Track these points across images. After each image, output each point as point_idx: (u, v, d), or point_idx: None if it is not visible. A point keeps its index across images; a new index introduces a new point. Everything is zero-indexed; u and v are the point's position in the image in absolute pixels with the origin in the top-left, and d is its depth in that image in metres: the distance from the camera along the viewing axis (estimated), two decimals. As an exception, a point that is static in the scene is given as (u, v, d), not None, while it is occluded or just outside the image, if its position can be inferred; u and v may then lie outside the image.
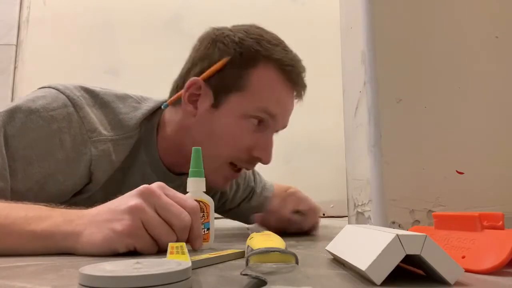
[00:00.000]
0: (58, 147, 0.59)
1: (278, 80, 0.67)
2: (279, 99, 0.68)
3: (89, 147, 0.61)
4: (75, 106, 0.61)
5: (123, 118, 0.66)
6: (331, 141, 0.97)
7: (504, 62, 0.56)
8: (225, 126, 0.67)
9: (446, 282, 0.27)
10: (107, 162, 0.64)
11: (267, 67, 0.67)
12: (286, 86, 0.69)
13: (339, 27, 0.74)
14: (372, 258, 0.27)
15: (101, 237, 0.42)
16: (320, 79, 1.73)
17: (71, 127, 0.60)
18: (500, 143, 0.55)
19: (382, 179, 0.53)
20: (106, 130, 0.64)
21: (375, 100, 0.56)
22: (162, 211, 0.44)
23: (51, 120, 0.59)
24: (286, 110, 0.71)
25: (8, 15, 1.72)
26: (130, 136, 0.67)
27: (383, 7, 0.57)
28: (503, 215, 0.35)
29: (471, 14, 0.57)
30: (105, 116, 0.65)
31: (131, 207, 0.42)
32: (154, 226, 0.43)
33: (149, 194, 0.44)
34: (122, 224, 0.42)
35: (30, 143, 0.58)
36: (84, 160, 0.61)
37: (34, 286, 0.27)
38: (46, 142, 0.59)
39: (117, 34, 1.73)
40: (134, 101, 0.70)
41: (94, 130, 0.62)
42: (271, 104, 0.67)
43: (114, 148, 0.64)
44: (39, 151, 0.58)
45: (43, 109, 0.59)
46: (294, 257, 0.29)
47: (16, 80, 1.69)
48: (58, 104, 0.61)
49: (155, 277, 0.23)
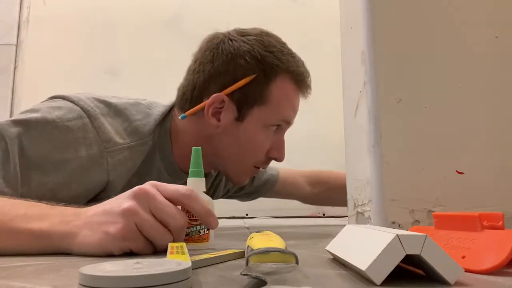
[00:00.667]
0: (73, 157, 0.61)
1: (293, 90, 0.76)
2: (294, 107, 0.77)
3: (105, 157, 0.63)
4: (90, 117, 0.63)
5: (138, 125, 0.68)
6: (331, 141, 0.97)
7: (504, 62, 0.56)
8: (251, 137, 0.73)
9: (446, 282, 0.27)
10: (125, 169, 0.66)
11: (284, 79, 0.74)
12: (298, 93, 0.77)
13: (339, 27, 0.74)
14: (372, 258, 0.27)
15: (95, 240, 0.42)
16: (320, 79, 1.73)
17: (86, 137, 0.62)
18: (500, 143, 0.55)
19: (382, 179, 0.53)
20: (122, 138, 0.66)
21: (375, 100, 0.56)
22: (157, 212, 0.43)
23: (66, 131, 0.60)
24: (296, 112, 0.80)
25: (8, 15, 1.72)
26: (146, 142, 0.69)
27: (383, 7, 0.57)
28: (503, 215, 0.35)
29: (471, 14, 0.57)
30: (121, 124, 0.67)
31: (124, 210, 0.42)
32: (149, 229, 0.43)
33: (143, 196, 0.43)
34: (116, 227, 0.42)
35: (45, 153, 0.59)
36: (101, 170, 0.63)
37: (34, 286, 0.27)
38: (62, 152, 0.60)
39: (117, 34, 1.73)
40: (145, 107, 0.73)
41: (109, 140, 0.64)
42: (290, 114, 0.76)
43: (131, 155, 0.66)
44: (54, 161, 0.59)
45: (59, 119, 0.61)
46: (294, 257, 0.29)
47: (16, 80, 1.69)
48: (73, 115, 0.62)
49: (155, 277, 0.23)
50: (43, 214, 0.45)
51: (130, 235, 0.42)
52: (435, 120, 0.55)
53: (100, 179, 0.63)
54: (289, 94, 0.75)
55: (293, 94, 0.76)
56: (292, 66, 0.74)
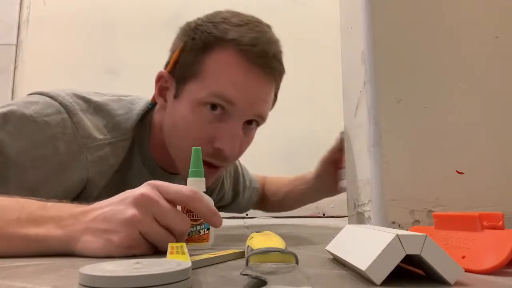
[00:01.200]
0: (52, 153, 0.58)
1: (236, 62, 0.61)
2: (236, 82, 0.61)
3: (84, 153, 0.61)
4: (69, 112, 0.60)
5: (120, 120, 0.66)
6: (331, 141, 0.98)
7: (504, 62, 0.56)
8: (182, 116, 0.63)
9: (446, 282, 0.27)
10: (105, 166, 0.63)
11: (225, 50, 0.61)
12: (247, 68, 0.61)
13: (339, 27, 0.74)
14: (372, 258, 0.27)
15: (98, 246, 0.41)
16: (320, 79, 1.73)
17: (65, 133, 0.59)
18: (500, 143, 0.55)
19: (382, 179, 0.53)
20: (102, 134, 0.63)
21: (375, 100, 0.56)
22: (161, 218, 0.43)
23: (45, 126, 0.58)
24: (251, 95, 0.63)
25: (8, 15, 1.72)
26: (127, 137, 0.66)
27: (383, 7, 0.57)
28: (503, 215, 0.35)
29: (471, 14, 0.57)
30: (101, 120, 0.65)
31: (127, 219, 0.41)
32: (153, 235, 0.42)
33: (146, 202, 0.42)
34: (120, 236, 0.41)
35: (23, 149, 0.57)
36: (79, 166, 0.61)
37: (34, 286, 0.27)
38: (40, 148, 0.58)
39: (117, 34, 1.73)
40: (128, 102, 0.70)
41: (88, 136, 0.61)
42: (226, 88, 0.61)
43: (113, 151, 0.64)
44: (33, 157, 0.57)
45: (37, 114, 0.58)
46: (294, 257, 0.29)
47: (16, 80, 1.69)
48: (52, 110, 0.60)
49: (155, 277, 0.23)
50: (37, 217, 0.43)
51: (134, 244, 0.42)
52: (435, 120, 0.55)
53: (79, 177, 0.61)
54: (228, 67, 0.61)
55: (234, 68, 0.61)
56: (232, 34, 0.61)
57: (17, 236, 0.42)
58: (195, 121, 0.62)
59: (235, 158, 0.71)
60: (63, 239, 0.42)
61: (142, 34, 1.71)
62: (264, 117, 0.67)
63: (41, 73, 1.66)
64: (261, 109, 0.65)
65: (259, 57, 0.62)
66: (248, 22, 0.64)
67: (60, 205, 0.46)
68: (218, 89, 0.61)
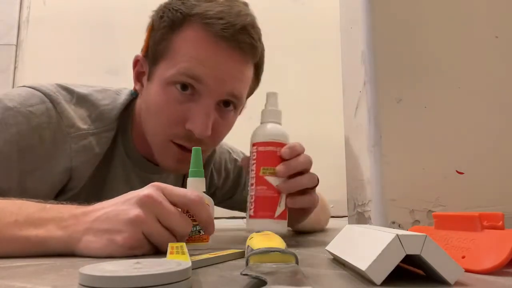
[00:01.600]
0: (38, 143, 0.58)
1: (202, 37, 0.58)
2: (203, 58, 0.58)
3: (68, 143, 0.60)
4: (53, 102, 0.60)
5: (103, 110, 0.65)
6: (331, 141, 0.97)
7: (504, 62, 0.56)
8: (153, 98, 0.61)
9: (446, 282, 0.27)
10: (90, 156, 0.62)
11: (192, 26, 0.59)
12: (214, 43, 0.58)
13: (339, 27, 0.74)
14: (372, 258, 0.27)
15: (100, 246, 0.41)
16: (320, 79, 1.73)
17: (50, 122, 0.59)
18: (500, 143, 0.55)
19: (382, 179, 0.53)
20: (86, 124, 0.62)
21: (375, 100, 0.56)
22: (164, 219, 0.43)
23: (30, 116, 0.57)
24: (220, 71, 0.59)
25: (8, 15, 1.72)
26: (112, 128, 0.65)
27: (383, 7, 0.57)
28: (503, 215, 0.35)
29: (471, 14, 0.57)
30: (85, 110, 0.64)
31: (131, 219, 0.41)
32: (156, 236, 0.42)
33: (150, 203, 0.42)
34: (123, 237, 0.41)
35: (9, 140, 0.56)
36: (64, 156, 0.60)
37: (34, 286, 0.27)
38: (27, 138, 0.57)
39: (117, 34, 1.73)
40: (113, 92, 0.69)
41: (72, 126, 0.61)
42: (193, 66, 0.58)
43: (97, 141, 0.63)
44: (20, 148, 0.57)
45: (20, 105, 0.58)
46: (294, 257, 0.29)
47: (16, 80, 1.69)
48: (36, 101, 0.59)
49: (155, 277, 0.23)
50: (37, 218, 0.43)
51: (137, 244, 0.41)
52: (435, 120, 0.55)
53: (64, 166, 0.60)
54: (195, 43, 0.58)
55: (201, 43, 0.58)
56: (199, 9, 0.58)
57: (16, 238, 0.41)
58: (165, 101, 0.60)
59: (212, 142, 0.65)
60: (64, 240, 0.42)
61: (142, 34, 1.70)
62: (238, 97, 0.63)
63: (41, 73, 1.66)
64: (233, 87, 0.61)
65: (224, 30, 0.57)
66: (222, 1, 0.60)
67: (59, 206, 0.45)
68: (185, 67, 0.58)
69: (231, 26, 0.58)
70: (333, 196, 1.04)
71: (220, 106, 0.62)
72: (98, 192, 0.52)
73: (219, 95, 0.60)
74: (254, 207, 0.54)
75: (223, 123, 0.64)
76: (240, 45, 0.59)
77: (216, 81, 0.59)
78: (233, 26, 0.58)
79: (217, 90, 0.60)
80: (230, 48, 0.59)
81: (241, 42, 0.59)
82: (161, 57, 0.61)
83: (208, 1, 0.60)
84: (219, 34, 0.58)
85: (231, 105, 0.63)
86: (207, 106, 0.59)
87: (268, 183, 0.54)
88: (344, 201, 0.69)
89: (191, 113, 0.60)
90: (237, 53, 0.60)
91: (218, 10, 0.58)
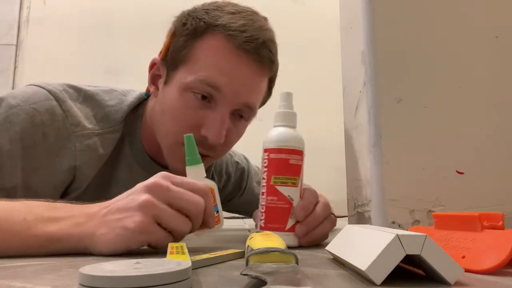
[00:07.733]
0: (41, 140, 0.58)
1: (224, 48, 0.60)
2: (224, 68, 0.60)
3: (73, 141, 0.60)
4: (58, 100, 0.60)
5: (109, 111, 0.65)
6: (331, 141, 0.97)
7: (504, 62, 0.56)
8: (169, 101, 0.62)
9: (446, 282, 0.27)
10: (95, 156, 0.62)
11: (214, 36, 0.60)
12: (235, 54, 0.60)
13: (339, 27, 0.74)
14: (372, 258, 0.27)
15: (114, 236, 0.41)
16: (320, 79, 1.73)
17: (54, 120, 0.59)
18: (500, 143, 0.55)
19: (382, 179, 0.53)
20: (91, 123, 0.63)
21: (375, 100, 0.56)
22: (175, 201, 0.43)
23: (33, 113, 0.58)
24: (238, 82, 0.61)
25: (8, 15, 1.72)
26: (117, 129, 0.65)
27: (383, 7, 0.57)
28: (503, 215, 0.35)
29: (471, 14, 0.57)
30: (91, 110, 0.64)
31: (141, 204, 0.41)
32: (168, 219, 0.42)
33: (157, 188, 0.43)
34: (134, 221, 0.41)
35: (13, 138, 0.56)
36: (68, 154, 0.60)
37: (34, 286, 0.27)
38: (30, 135, 0.57)
39: (117, 34, 1.73)
40: (119, 93, 0.69)
41: (77, 124, 0.61)
42: (213, 75, 0.59)
43: (102, 142, 0.63)
44: (23, 145, 0.57)
45: (24, 103, 0.58)
46: (294, 257, 0.29)
47: (16, 80, 1.69)
48: (39, 98, 0.59)
49: (155, 277, 0.23)
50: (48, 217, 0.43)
51: (149, 228, 0.41)
52: (435, 120, 0.55)
53: (68, 165, 0.60)
54: (216, 53, 0.60)
55: (223, 54, 0.60)
56: (222, 20, 0.60)
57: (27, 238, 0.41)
58: (182, 106, 0.61)
59: (223, 149, 0.67)
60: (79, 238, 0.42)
61: (142, 34, 1.70)
62: (252, 107, 0.64)
63: (41, 73, 1.66)
64: (249, 98, 0.63)
65: (246, 43, 0.60)
66: (242, 11, 0.63)
67: (69, 205, 0.46)
68: (205, 75, 0.60)
69: (253, 39, 0.60)
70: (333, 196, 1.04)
71: (234, 115, 0.64)
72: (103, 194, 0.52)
73: (235, 105, 0.62)
74: (265, 219, 0.52)
75: (235, 131, 0.65)
76: (260, 58, 0.61)
77: (233, 91, 0.61)
78: (255, 40, 0.60)
79: (234, 100, 0.61)
80: (250, 61, 0.61)
81: (261, 56, 0.61)
82: (181, 63, 0.62)
83: (231, 13, 0.62)
84: (241, 46, 0.60)
85: (244, 115, 0.65)
86: (222, 114, 0.61)
87: (279, 193, 0.52)
88: (344, 201, 0.69)
89: (207, 120, 0.61)
90: (256, 66, 0.62)
91: (241, 23, 0.60)
